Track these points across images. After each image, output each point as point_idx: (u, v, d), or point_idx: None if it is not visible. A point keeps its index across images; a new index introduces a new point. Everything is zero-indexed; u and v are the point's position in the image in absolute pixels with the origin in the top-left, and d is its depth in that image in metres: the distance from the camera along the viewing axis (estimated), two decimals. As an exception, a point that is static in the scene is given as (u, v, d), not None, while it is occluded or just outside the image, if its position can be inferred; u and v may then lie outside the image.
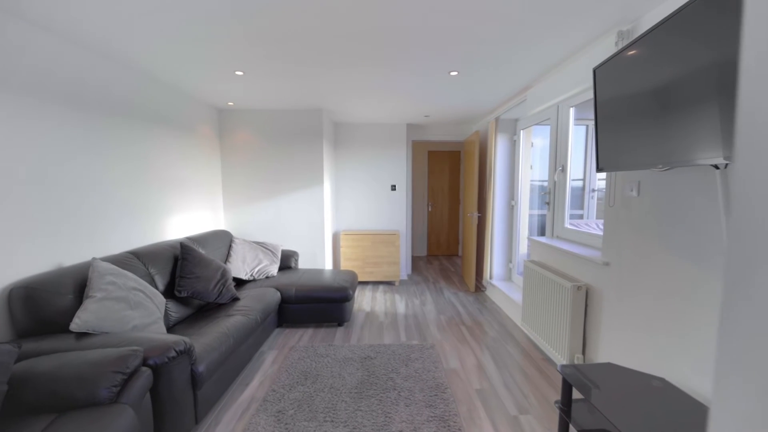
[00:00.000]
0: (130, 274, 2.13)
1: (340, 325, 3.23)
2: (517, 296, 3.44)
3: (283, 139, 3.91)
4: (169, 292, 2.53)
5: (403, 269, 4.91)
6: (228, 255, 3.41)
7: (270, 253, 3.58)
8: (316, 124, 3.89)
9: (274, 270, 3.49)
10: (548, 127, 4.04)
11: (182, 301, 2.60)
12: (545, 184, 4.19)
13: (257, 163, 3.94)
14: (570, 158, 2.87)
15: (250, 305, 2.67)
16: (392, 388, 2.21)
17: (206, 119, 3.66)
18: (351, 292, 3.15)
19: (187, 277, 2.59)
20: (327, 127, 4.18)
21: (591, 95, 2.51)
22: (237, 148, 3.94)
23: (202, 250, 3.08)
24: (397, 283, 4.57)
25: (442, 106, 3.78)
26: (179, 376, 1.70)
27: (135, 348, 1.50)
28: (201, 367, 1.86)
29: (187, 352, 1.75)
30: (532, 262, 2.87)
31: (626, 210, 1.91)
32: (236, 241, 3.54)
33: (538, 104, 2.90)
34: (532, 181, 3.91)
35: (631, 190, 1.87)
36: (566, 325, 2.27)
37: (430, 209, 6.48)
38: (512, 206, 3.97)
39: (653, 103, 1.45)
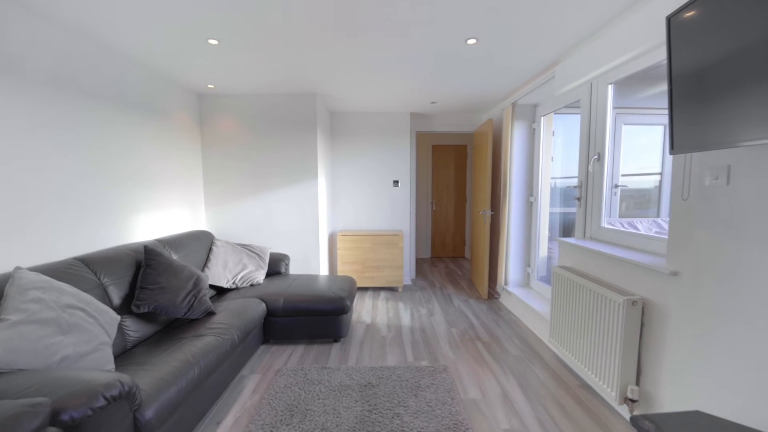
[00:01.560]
0: (67, 288, 1.67)
1: (335, 341, 2.78)
2: (537, 305, 2.99)
3: (273, 128, 3.46)
4: (128, 306, 2.08)
5: (407, 273, 4.46)
6: (207, 260, 2.96)
7: (256, 257, 3.13)
8: (309, 111, 3.43)
9: (260, 276, 3.03)
10: (568, 117, 3.61)
11: (146, 317, 2.15)
12: (567, 180, 3.76)
13: (243, 154, 3.49)
14: (608, 145, 2.43)
15: (228, 321, 2.22)
16: (399, 429, 1.76)
17: (183, 104, 3.20)
18: (348, 303, 2.69)
19: (150, 288, 2.14)
20: (322, 115, 3.73)
21: (634, 68, 2.07)
22: (220, 138, 3.48)
23: (174, 255, 2.63)
24: (400, 289, 4.12)
25: (452, 90, 3.32)
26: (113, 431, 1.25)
27: (36, 402, 1.05)
28: (149, 413, 1.41)
29: (126, 397, 1.30)
30: (564, 268, 2.42)
31: (707, 204, 1.46)
32: (217, 243, 3.09)
33: (569, 82, 2.45)
34: (552, 177, 3.46)
35: (716, 178, 1.42)
36: (615, 348, 1.82)
37: (434, 208, 6.03)
38: (531, 203, 3.52)
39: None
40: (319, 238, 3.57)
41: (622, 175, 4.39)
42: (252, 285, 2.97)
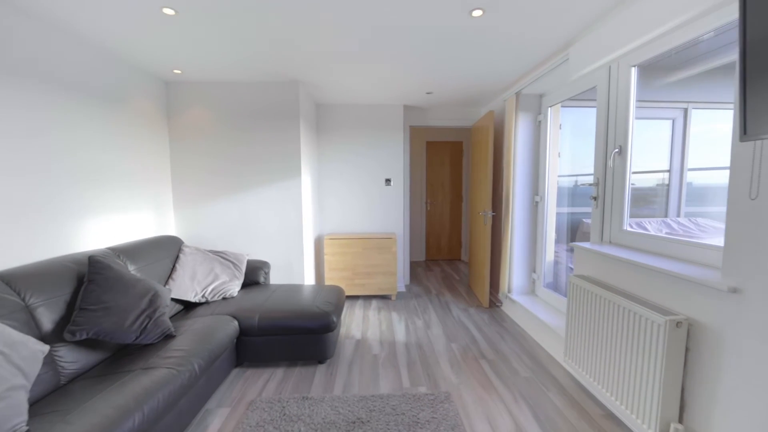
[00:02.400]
0: (-36, 317, 1.29)
1: (320, 362, 2.43)
2: (545, 316, 2.69)
3: (251, 121, 3.08)
4: (63, 332, 1.70)
5: (401, 279, 4.13)
6: (173, 270, 2.58)
7: (231, 265, 2.75)
8: (292, 101, 3.07)
9: (234, 288, 2.66)
10: (573, 110, 3.31)
11: (87, 345, 1.77)
12: (574, 178, 3.48)
13: (217, 150, 3.11)
14: (631, 137, 2.13)
15: (189, 347, 1.86)
16: (396, 484, 1.43)
17: (146, 91, 2.81)
18: (335, 319, 2.35)
19: (91, 308, 1.76)
20: (306, 106, 3.36)
21: (665, 46, 1.78)
22: (191, 132, 3.09)
23: (131, 266, 2.25)
24: (393, 297, 3.79)
25: (451, 78, 3.00)
26: None
27: None
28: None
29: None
30: (582, 278, 2.11)
31: (785, 205, 1.16)
32: (186, 250, 2.71)
33: (587, 64, 2.14)
34: (559, 175, 3.16)
35: (799, 172, 1.12)
36: (653, 377, 1.51)
37: (428, 208, 5.71)
38: (536, 203, 3.21)
39: None
40: (304, 243, 3.21)
41: (633, 173, 4.12)
42: (225, 298, 2.59)
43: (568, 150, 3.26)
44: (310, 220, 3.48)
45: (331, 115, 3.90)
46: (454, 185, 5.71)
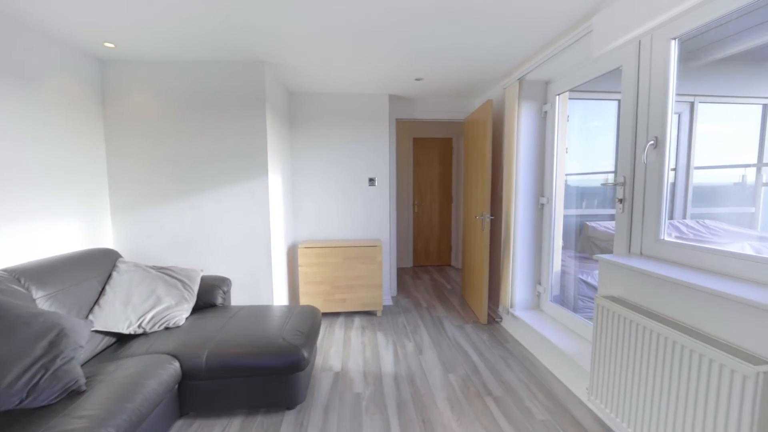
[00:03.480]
0: None
1: (289, 408, 1.94)
2: (555, 336, 2.30)
3: (205, 109, 2.57)
4: None
5: (387, 291, 3.68)
6: (101, 293, 2.05)
7: (178, 284, 2.24)
8: (256, 86, 2.57)
9: (182, 314, 2.14)
10: (581, 102, 2.96)
11: (-57, 414, 1.24)
12: (581, 177, 3.13)
13: (164, 143, 2.57)
14: (669, 126, 1.75)
15: (101, 408, 1.35)
16: None
17: (73, 70, 2.25)
18: (306, 354, 1.87)
19: (-53, 364, 1.23)
20: (275, 93, 2.87)
21: (717, 11, 1.39)
22: (131, 121, 2.55)
23: (37, 292, 1.71)
24: (379, 313, 3.33)
25: (445, 60, 2.56)
26: None
27: None
28: None
29: None
30: (612, 300, 1.71)
31: None
32: (121, 267, 2.17)
33: (615, 37, 1.75)
34: (567, 174, 2.78)
35: None
36: (734, 446, 1.11)
37: (416, 210, 5.28)
38: (542, 205, 2.82)
39: None
40: (272, 254, 2.71)
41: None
42: (168, 328, 2.08)
43: (576, 145, 2.89)
44: (281, 226, 2.99)
45: (307, 105, 3.41)
46: (444, 185, 5.30)
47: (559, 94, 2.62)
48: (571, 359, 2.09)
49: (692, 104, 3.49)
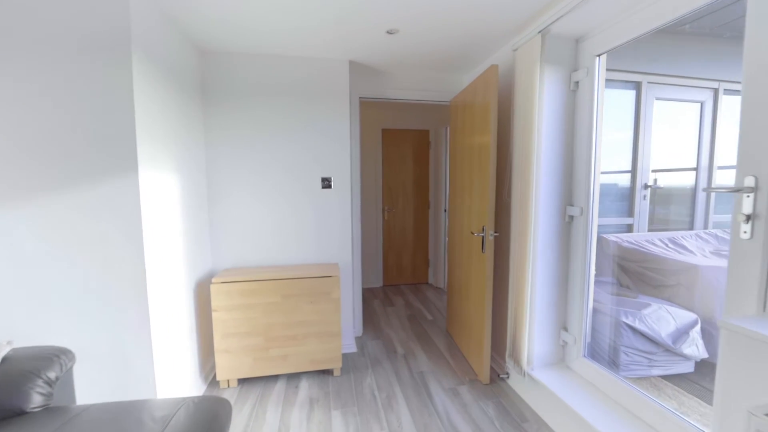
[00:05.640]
0: None
1: None
2: (599, 419, 1.43)
3: (13, 51, 1.44)
4: None
5: (349, 332, 2.68)
6: None
7: (-77, 388, 1.10)
8: (114, 18, 1.47)
9: None
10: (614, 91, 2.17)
11: None
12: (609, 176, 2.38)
13: (-60, 113, 1.42)
14: None
15: None
16: None
17: None
18: None
19: None
20: (161, 39, 1.80)
21: None
22: None
23: None
24: (337, 372, 2.32)
25: (428, 4, 1.63)
26: None
27: None
28: None
29: None
30: (802, 428, 0.83)
31: None
32: None
33: None
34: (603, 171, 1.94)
35: None
36: None
37: (385, 217, 4.33)
38: (571, 218, 1.96)
39: None
40: (151, 302, 1.63)
41: (653, 171, 3.10)
42: None
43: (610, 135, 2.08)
44: (178, 252, 1.90)
45: (229, 71, 2.34)
46: (419, 187, 4.38)
47: (600, 55, 1.76)
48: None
49: (716, 91, 2.82)
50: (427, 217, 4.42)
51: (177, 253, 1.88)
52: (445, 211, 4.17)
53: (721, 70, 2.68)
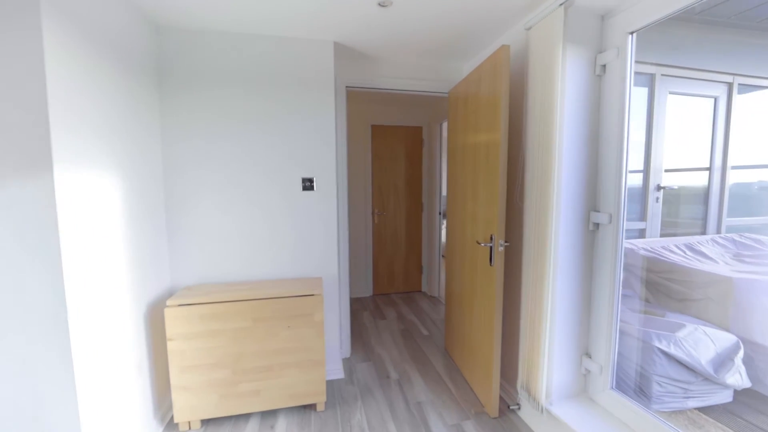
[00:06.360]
0: None
1: None
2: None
3: None
4: None
5: (336, 354, 2.34)
6: None
7: None
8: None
9: None
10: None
11: None
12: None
13: None
14: None
15: None
16: None
17: None
18: None
19: None
20: (98, 4, 1.43)
21: None
22: None
23: None
24: (320, 407, 1.98)
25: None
26: None
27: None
28: None
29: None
30: None
31: None
32: None
33: None
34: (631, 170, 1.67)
35: None
36: None
37: (375, 221, 4.00)
38: (596, 226, 1.67)
39: None
40: (71, 337, 1.27)
41: (666, 171, 2.85)
42: None
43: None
44: (121, 272, 1.54)
45: (190, 52, 1.97)
46: (412, 188, 4.07)
47: (633, 32, 1.48)
48: None
49: (730, 86, 2.61)
50: (421, 221, 4.11)
51: (118, 273, 1.51)
52: (440, 213, 3.87)
53: (737, 63, 2.47)
